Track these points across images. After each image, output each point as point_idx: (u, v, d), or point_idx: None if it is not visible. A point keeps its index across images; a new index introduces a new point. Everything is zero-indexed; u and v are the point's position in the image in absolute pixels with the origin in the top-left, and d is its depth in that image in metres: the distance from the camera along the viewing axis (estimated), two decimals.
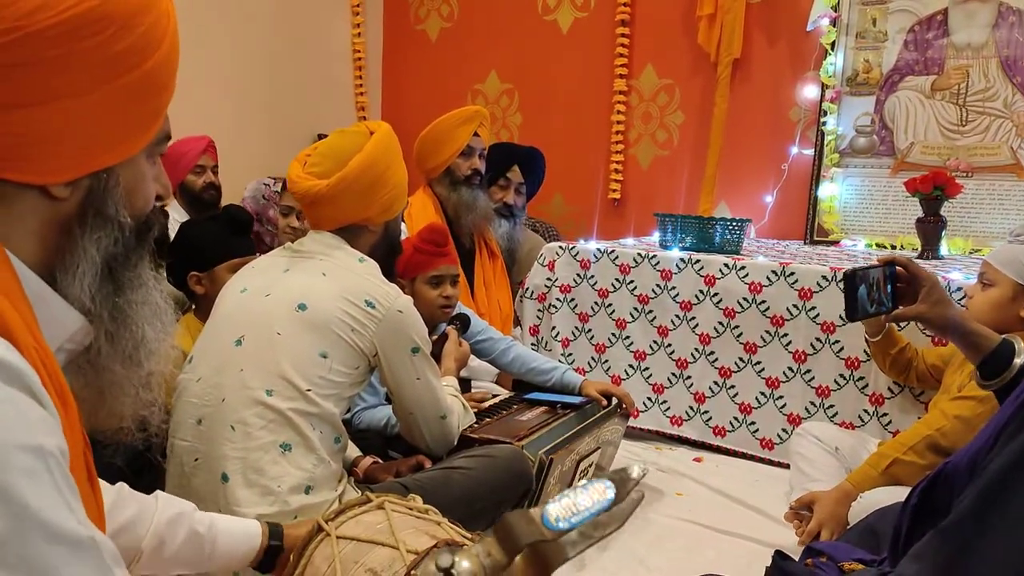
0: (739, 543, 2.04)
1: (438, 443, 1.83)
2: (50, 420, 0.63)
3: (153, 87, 0.75)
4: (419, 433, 1.80)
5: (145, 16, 0.72)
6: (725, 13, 3.65)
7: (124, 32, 0.70)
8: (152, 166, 0.82)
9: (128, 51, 0.71)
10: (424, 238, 2.26)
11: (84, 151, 0.72)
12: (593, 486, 0.65)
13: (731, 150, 3.74)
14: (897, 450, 1.93)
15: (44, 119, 0.68)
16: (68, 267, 0.74)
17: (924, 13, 3.31)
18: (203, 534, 1.10)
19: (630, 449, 2.65)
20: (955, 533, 0.81)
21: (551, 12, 4.23)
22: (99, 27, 0.68)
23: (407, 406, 1.75)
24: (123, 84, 0.72)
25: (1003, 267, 1.98)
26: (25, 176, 0.70)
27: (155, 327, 0.81)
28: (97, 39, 0.68)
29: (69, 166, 0.72)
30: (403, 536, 1.14)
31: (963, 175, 3.17)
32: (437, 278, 2.23)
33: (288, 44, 4.17)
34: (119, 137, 0.75)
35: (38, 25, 0.65)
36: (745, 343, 2.66)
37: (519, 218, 3.31)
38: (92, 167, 0.74)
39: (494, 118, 4.41)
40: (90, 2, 0.67)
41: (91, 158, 0.73)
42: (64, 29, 0.66)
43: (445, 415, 1.80)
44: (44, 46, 0.66)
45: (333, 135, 1.78)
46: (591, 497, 0.64)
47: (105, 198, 0.75)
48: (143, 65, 0.73)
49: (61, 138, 0.70)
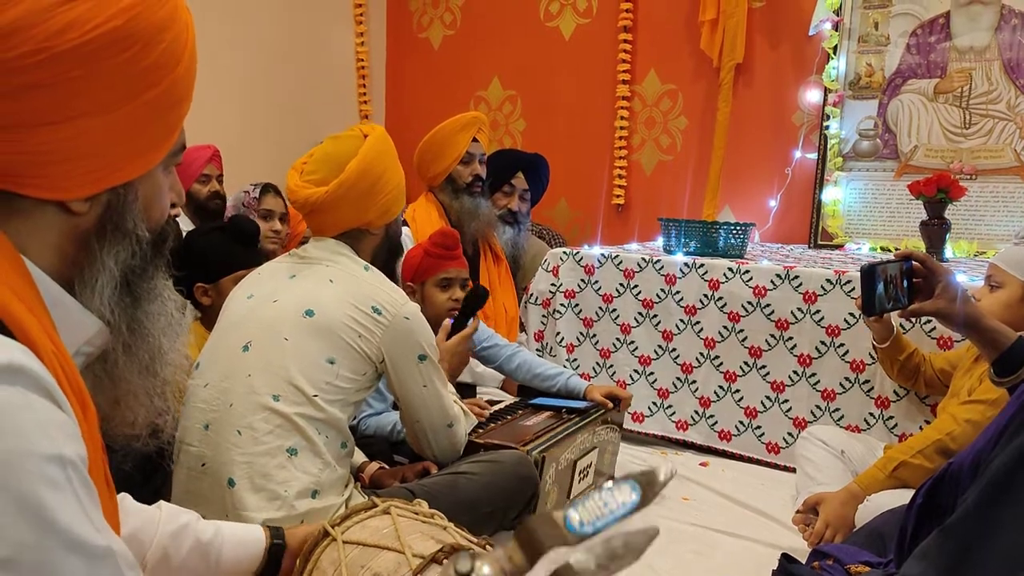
0: (746, 546, 2.04)
1: (444, 452, 1.83)
2: (70, 425, 0.64)
3: (173, 101, 0.75)
4: (425, 441, 1.80)
5: (167, 32, 0.72)
6: (727, 18, 3.65)
7: (148, 49, 0.70)
8: (167, 176, 0.82)
9: (151, 68, 0.71)
10: (434, 242, 2.27)
11: (104, 167, 0.72)
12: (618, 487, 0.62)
13: (734, 154, 3.75)
14: (905, 453, 1.91)
15: (66, 137, 0.68)
16: (87, 280, 0.75)
17: (926, 16, 3.31)
18: (208, 544, 1.11)
19: (635, 454, 2.65)
20: (959, 531, 0.81)
21: (553, 19, 4.25)
22: (124, 45, 0.68)
23: (414, 414, 1.75)
24: (145, 100, 0.72)
25: (1011, 268, 1.97)
26: (45, 192, 0.70)
27: (170, 337, 0.82)
28: (122, 57, 0.68)
29: (89, 182, 0.72)
30: (409, 540, 1.14)
31: (967, 178, 3.17)
32: (447, 281, 2.24)
33: (291, 53, 4.19)
34: (139, 152, 0.75)
35: (65, 46, 0.65)
36: (750, 347, 2.65)
37: (523, 224, 3.32)
38: (111, 182, 0.74)
39: (497, 125, 4.42)
40: (115, 21, 0.67)
41: (111, 173, 0.73)
42: (90, 49, 0.66)
43: (452, 423, 1.80)
44: (70, 66, 0.66)
45: (327, 141, 1.78)
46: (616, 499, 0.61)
47: (124, 212, 0.76)
48: (165, 80, 0.73)
49: (82, 155, 0.70)
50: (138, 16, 0.69)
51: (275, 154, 4.04)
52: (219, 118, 3.64)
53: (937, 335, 2.33)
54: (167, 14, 0.72)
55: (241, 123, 3.90)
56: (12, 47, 0.64)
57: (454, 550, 1.10)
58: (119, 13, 0.68)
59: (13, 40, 0.64)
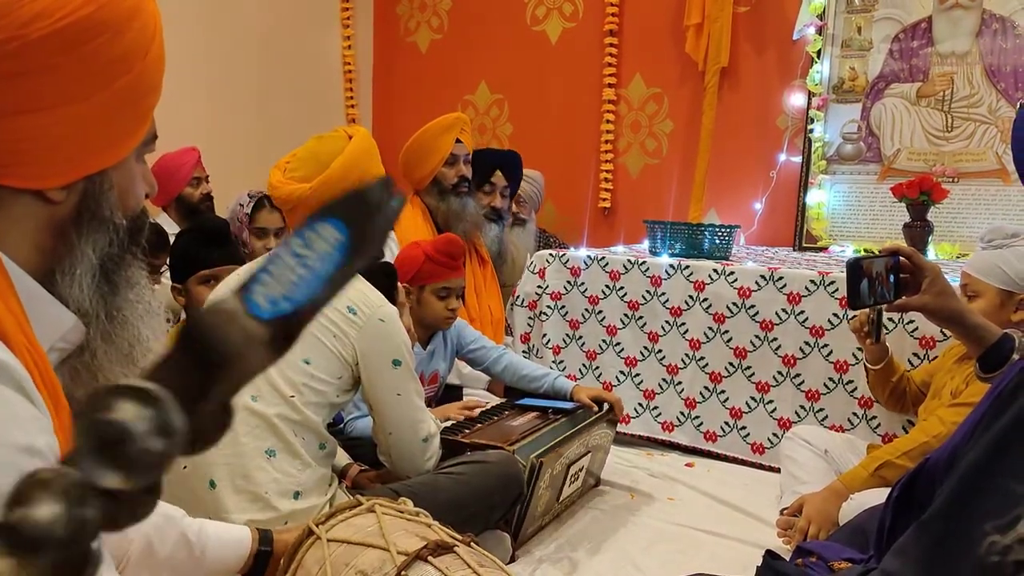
0: (731, 545, 2.04)
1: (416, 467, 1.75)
2: (42, 419, 0.64)
3: (144, 89, 0.76)
4: (397, 455, 1.72)
5: (135, 20, 0.73)
6: (712, 22, 3.68)
7: (117, 37, 0.71)
8: (140, 165, 0.83)
9: (121, 56, 0.72)
10: (440, 249, 2.27)
11: (79, 155, 0.73)
12: (314, 230, 0.41)
13: (720, 158, 3.77)
14: (891, 453, 1.92)
15: (41, 125, 0.69)
16: (67, 270, 0.75)
17: (908, 21, 3.35)
18: (193, 540, 1.11)
19: (621, 455, 2.66)
20: (934, 526, 0.82)
21: (540, 23, 4.26)
22: (94, 33, 0.69)
23: (386, 425, 1.70)
24: (117, 88, 0.72)
25: (985, 277, 1.96)
26: (22, 181, 0.71)
27: (149, 326, 0.83)
28: (92, 45, 0.69)
29: (65, 170, 0.73)
30: (393, 538, 1.15)
31: (949, 180, 3.20)
32: (446, 290, 2.25)
33: (279, 56, 4.19)
34: (113, 140, 0.76)
35: (37, 34, 0.66)
36: (735, 348, 2.67)
37: (507, 221, 3.36)
38: (87, 170, 0.75)
39: (484, 128, 4.43)
40: (85, 9, 0.68)
41: (86, 161, 0.74)
42: (61, 37, 0.67)
43: (427, 438, 1.75)
44: (42, 54, 0.67)
45: (311, 140, 1.79)
46: (315, 248, 0.40)
47: (100, 200, 0.76)
48: (135, 68, 0.74)
49: (58, 143, 0.70)
50: (106, 4, 0.70)
51: (262, 157, 4.02)
52: (206, 120, 3.64)
53: (920, 335, 2.35)
54: (134, 3, 0.73)
55: (228, 126, 3.89)
56: None
57: (439, 547, 1.11)
58: (87, 2, 0.69)
59: None
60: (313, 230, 0.41)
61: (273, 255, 0.41)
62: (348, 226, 0.40)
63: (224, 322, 0.38)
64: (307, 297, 0.40)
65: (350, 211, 0.41)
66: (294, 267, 0.40)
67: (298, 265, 0.40)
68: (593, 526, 2.14)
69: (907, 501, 1.02)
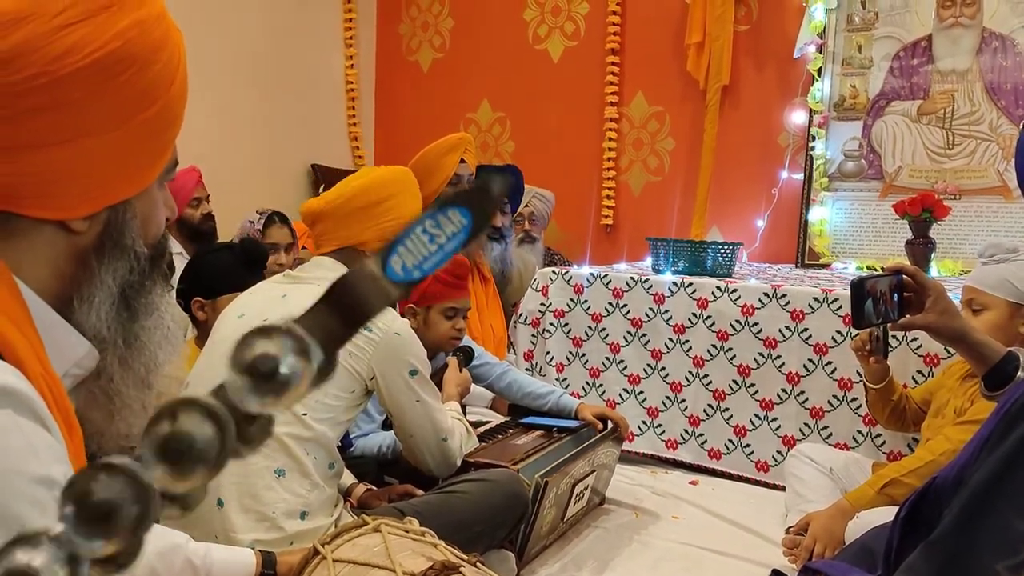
0: (737, 564, 2.03)
1: (440, 465, 1.83)
2: (57, 447, 0.64)
3: (169, 119, 0.76)
4: (421, 456, 1.81)
5: (162, 52, 0.73)
6: (713, 41, 3.70)
7: (145, 70, 0.71)
8: (161, 192, 0.83)
9: (148, 88, 0.72)
10: (447, 270, 2.27)
11: (104, 186, 0.73)
12: (443, 215, 0.48)
13: (721, 175, 3.78)
14: (897, 471, 1.91)
15: (66, 158, 0.69)
16: (85, 297, 0.75)
17: (908, 39, 3.37)
18: (198, 566, 1.11)
19: (625, 473, 2.65)
20: (943, 545, 0.82)
21: (541, 41, 4.29)
22: (123, 67, 0.69)
23: (408, 429, 1.76)
24: (142, 120, 0.72)
25: (993, 290, 1.96)
26: (45, 212, 0.71)
27: (166, 350, 0.83)
28: (120, 79, 0.69)
29: (88, 201, 0.73)
30: (399, 558, 1.14)
31: (951, 198, 3.21)
32: (453, 310, 2.25)
33: (281, 76, 4.22)
34: (136, 170, 0.76)
35: (66, 69, 0.66)
36: (739, 365, 2.67)
37: (509, 238, 3.36)
38: (110, 200, 0.74)
39: (487, 147, 4.45)
40: (113, 44, 0.68)
41: (110, 192, 0.74)
42: (91, 72, 0.67)
43: (446, 437, 1.80)
44: (70, 89, 0.67)
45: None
46: (444, 229, 0.48)
47: (123, 229, 0.76)
48: (160, 100, 0.74)
49: (82, 175, 0.70)
50: (134, 39, 0.70)
51: (265, 176, 4.05)
52: (209, 139, 3.65)
53: (924, 352, 2.34)
54: (161, 35, 0.73)
55: (231, 145, 3.91)
56: (14, 71, 0.64)
57: (444, 567, 1.11)
58: (116, 36, 0.69)
59: (15, 65, 0.64)
60: (444, 214, 0.48)
61: (407, 232, 0.48)
62: (472, 213, 0.48)
63: (369, 282, 0.47)
64: (432, 268, 0.47)
65: (475, 201, 0.48)
66: (426, 243, 0.48)
67: (429, 242, 0.48)
68: (598, 545, 2.13)
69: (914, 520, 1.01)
